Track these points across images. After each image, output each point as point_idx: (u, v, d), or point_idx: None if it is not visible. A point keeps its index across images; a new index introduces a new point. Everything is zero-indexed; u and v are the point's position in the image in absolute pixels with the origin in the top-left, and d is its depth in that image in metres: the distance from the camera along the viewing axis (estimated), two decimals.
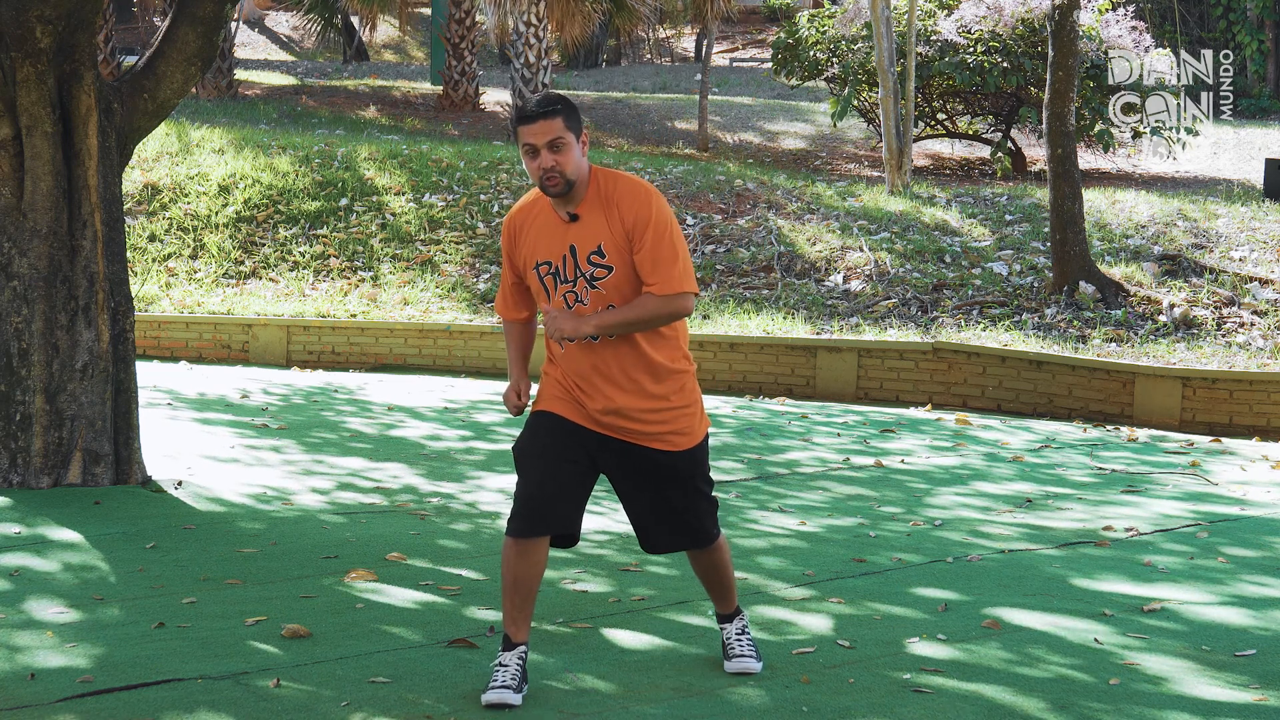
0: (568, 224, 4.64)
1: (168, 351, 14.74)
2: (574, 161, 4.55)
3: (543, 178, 4.55)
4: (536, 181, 4.58)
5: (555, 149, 4.53)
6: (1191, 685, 4.90)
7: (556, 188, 4.56)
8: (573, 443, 4.64)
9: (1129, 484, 8.88)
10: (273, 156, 18.29)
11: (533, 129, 4.53)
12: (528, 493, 4.59)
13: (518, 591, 4.59)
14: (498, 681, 4.55)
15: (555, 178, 4.54)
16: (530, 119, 4.54)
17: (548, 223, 4.67)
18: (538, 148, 4.53)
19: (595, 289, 4.61)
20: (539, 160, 4.54)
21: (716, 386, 13.35)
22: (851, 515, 7.74)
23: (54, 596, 5.75)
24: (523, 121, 4.56)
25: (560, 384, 4.70)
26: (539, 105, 4.56)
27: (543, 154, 4.53)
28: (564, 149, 4.53)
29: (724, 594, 4.98)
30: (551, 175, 4.54)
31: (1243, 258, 14.67)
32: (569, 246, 4.63)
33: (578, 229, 4.62)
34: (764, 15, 35.37)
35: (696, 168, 18.97)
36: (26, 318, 7.76)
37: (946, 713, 4.56)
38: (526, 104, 4.58)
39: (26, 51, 7.58)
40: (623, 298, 4.61)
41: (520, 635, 4.62)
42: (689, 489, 4.76)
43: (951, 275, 14.79)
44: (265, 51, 36.70)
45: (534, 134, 4.53)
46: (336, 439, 9.92)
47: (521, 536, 4.56)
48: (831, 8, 23.15)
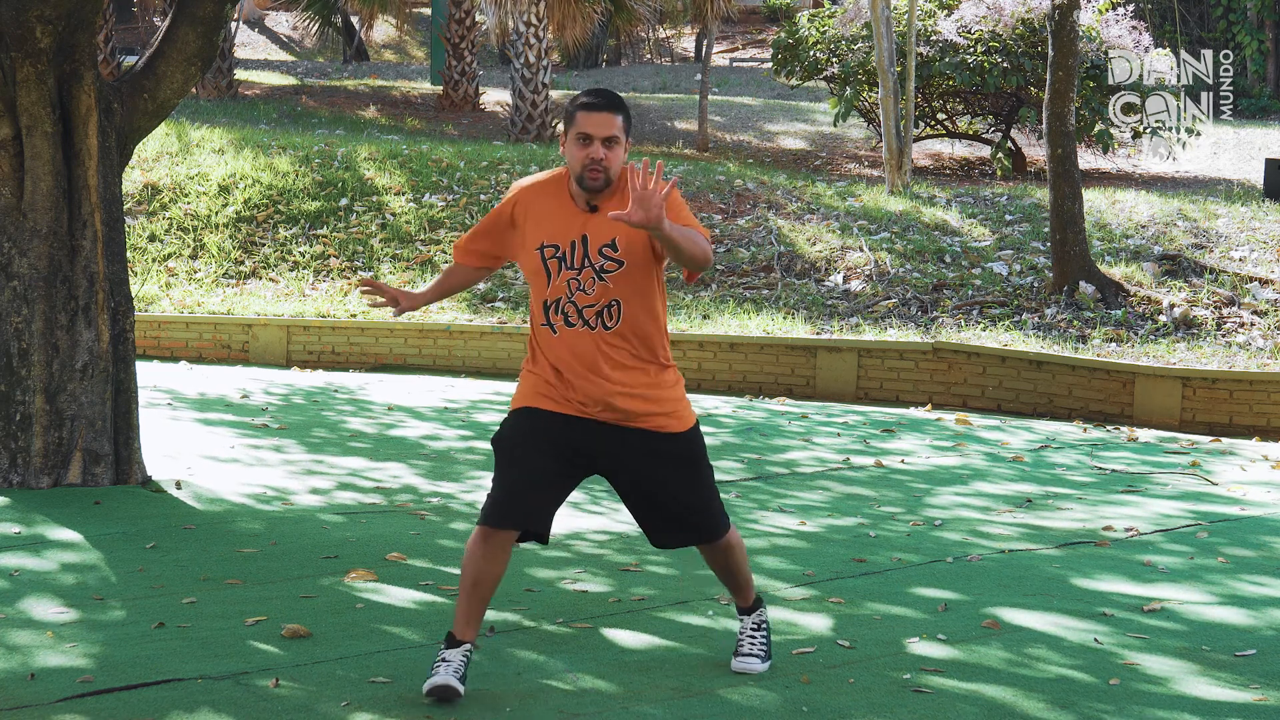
0: (585, 213, 4.64)
1: (168, 351, 14.74)
2: (619, 161, 4.59)
3: (587, 167, 4.56)
4: (578, 169, 4.58)
5: (609, 144, 4.56)
6: (1191, 685, 4.90)
7: (597, 181, 4.57)
8: (555, 439, 4.62)
9: (1129, 484, 8.88)
10: (273, 156, 18.30)
11: (595, 119, 4.55)
12: (504, 483, 4.56)
13: (476, 592, 4.56)
14: (441, 669, 4.52)
15: (599, 172, 4.56)
16: (595, 109, 4.56)
17: (561, 207, 4.67)
18: (593, 138, 4.54)
19: (602, 281, 4.61)
20: (589, 149, 4.54)
21: (716, 386, 13.35)
22: (851, 515, 7.74)
23: (54, 596, 5.75)
24: (585, 109, 4.56)
25: (545, 380, 4.67)
26: (605, 98, 4.58)
27: (596, 145, 4.54)
28: (615, 146, 4.56)
29: (739, 588, 4.98)
30: (597, 168, 4.55)
31: (1243, 258, 14.67)
32: (581, 235, 4.62)
33: (596, 220, 4.62)
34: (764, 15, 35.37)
35: (696, 168, 18.97)
36: (26, 318, 7.75)
37: (946, 713, 4.56)
38: (590, 93, 4.59)
39: (26, 51, 7.58)
40: (630, 292, 4.62)
41: (469, 635, 4.60)
42: (688, 477, 4.72)
43: (951, 275, 14.79)
44: (265, 51, 36.70)
45: (595, 124, 4.55)
46: (336, 439, 9.92)
47: (492, 525, 4.51)
48: (831, 8, 23.15)
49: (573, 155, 4.58)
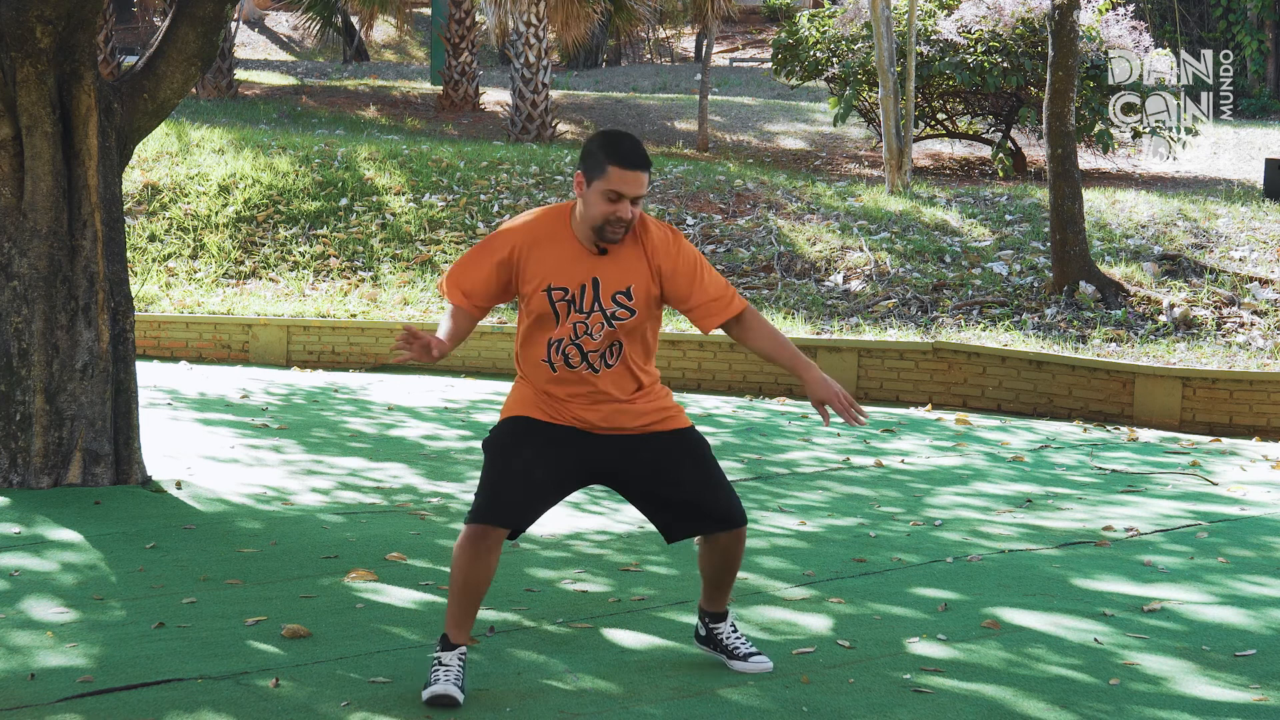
0: (594, 255, 4.58)
1: (168, 351, 14.74)
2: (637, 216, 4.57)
3: (612, 224, 4.50)
4: (599, 220, 4.50)
5: (636, 203, 4.50)
6: (1191, 685, 4.90)
7: (617, 236, 4.53)
8: (552, 443, 4.62)
9: (1129, 484, 8.88)
10: (273, 156, 18.30)
11: (632, 179, 4.46)
12: (494, 482, 4.54)
13: (467, 595, 4.56)
14: (440, 677, 4.52)
15: (622, 230, 4.52)
16: (635, 167, 4.47)
17: (568, 248, 4.58)
18: (624, 197, 4.47)
19: (610, 327, 4.58)
20: (618, 208, 4.47)
21: (716, 386, 13.35)
22: (851, 515, 7.74)
23: (54, 596, 5.75)
24: (625, 166, 4.46)
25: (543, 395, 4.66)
26: (641, 158, 4.49)
27: (625, 204, 4.48)
28: (639, 203, 4.53)
29: (728, 588, 4.96)
30: (621, 227, 4.51)
31: (1243, 258, 14.67)
32: (591, 278, 4.57)
33: (605, 263, 4.57)
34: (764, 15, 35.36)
35: (696, 168, 18.97)
36: (26, 318, 7.76)
37: (946, 713, 4.56)
38: (626, 149, 4.49)
39: (26, 51, 7.58)
40: (636, 340, 4.64)
41: (463, 638, 4.60)
42: (707, 465, 4.70)
43: (951, 275, 14.79)
44: (265, 51, 36.70)
45: (631, 184, 4.47)
46: (336, 439, 9.92)
47: (485, 523, 4.48)
48: (831, 8, 23.15)
49: (596, 207, 4.49)
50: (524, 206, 17.21)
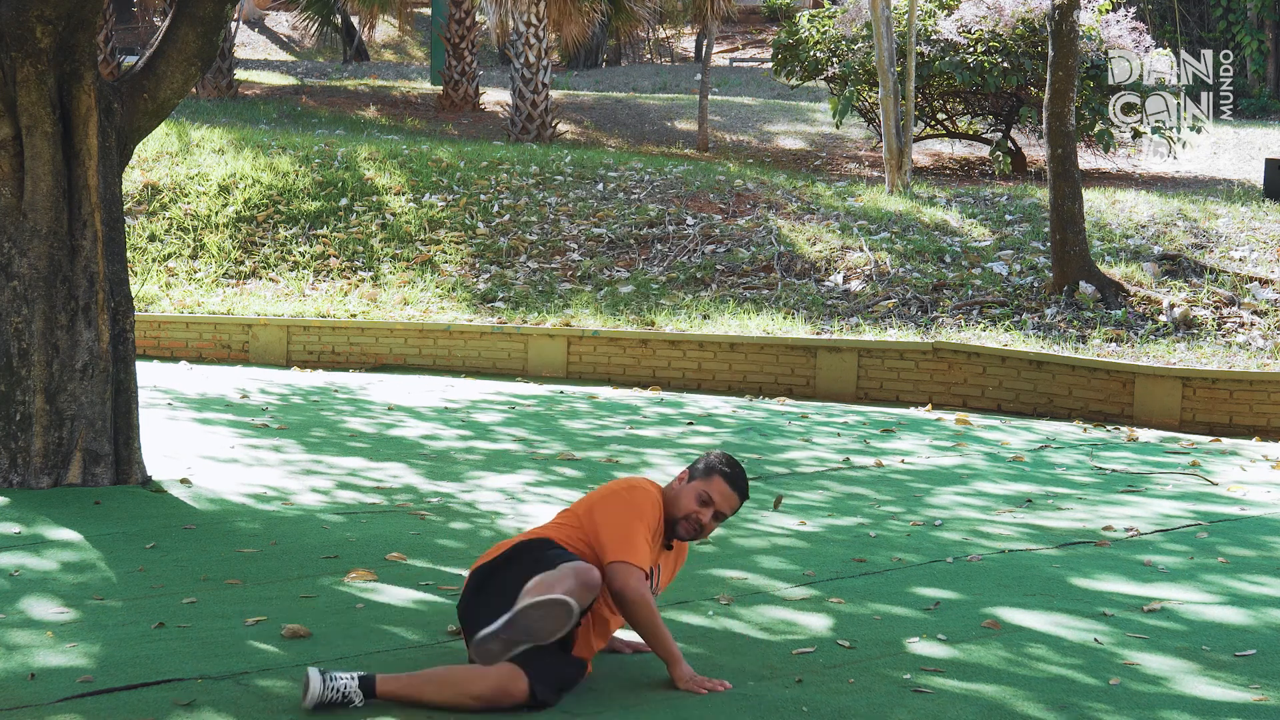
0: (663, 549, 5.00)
1: (168, 351, 14.74)
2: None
3: (695, 530, 4.89)
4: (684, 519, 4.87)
5: (717, 520, 4.92)
6: (1191, 685, 4.90)
7: (690, 538, 4.94)
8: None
9: (1129, 484, 8.88)
10: (273, 156, 18.30)
11: (733, 502, 4.91)
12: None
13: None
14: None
15: (694, 535, 4.91)
16: (736, 489, 4.90)
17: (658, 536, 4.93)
18: (720, 513, 4.90)
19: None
20: (705, 519, 4.88)
21: (716, 386, 13.35)
22: (851, 515, 7.74)
23: (54, 596, 5.75)
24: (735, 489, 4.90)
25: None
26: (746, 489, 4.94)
27: (713, 521, 4.90)
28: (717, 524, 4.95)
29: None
30: (700, 533, 4.91)
31: (1243, 258, 14.67)
32: (657, 565, 4.96)
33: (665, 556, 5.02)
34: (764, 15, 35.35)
35: (696, 168, 18.96)
36: (26, 318, 7.75)
37: (946, 713, 4.56)
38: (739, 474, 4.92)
39: (26, 51, 7.58)
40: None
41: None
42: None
43: (951, 275, 14.79)
44: (265, 51, 36.70)
45: (731, 507, 4.92)
46: (336, 439, 9.92)
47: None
48: (831, 8, 23.15)
49: (688, 505, 4.88)
50: (524, 206, 17.22)
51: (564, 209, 17.21)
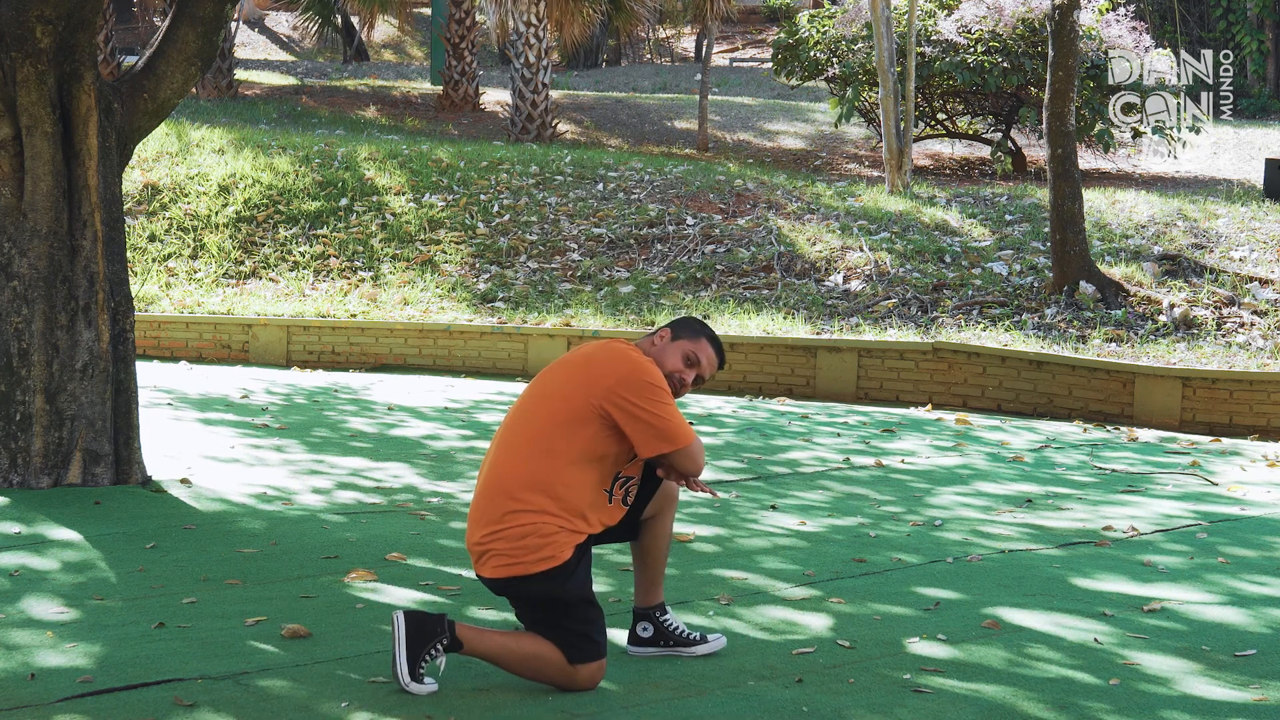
0: None
1: (168, 351, 14.75)
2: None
3: (675, 389, 4.84)
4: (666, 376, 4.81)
5: (697, 384, 4.92)
6: (1191, 685, 4.90)
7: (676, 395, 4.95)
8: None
9: (1129, 484, 8.88)
10: (273, 156, 18.30)
11: (711, 365, 4.92)
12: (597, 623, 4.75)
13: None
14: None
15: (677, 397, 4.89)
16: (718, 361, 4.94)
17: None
18: (701, 376, 4.90)
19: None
20: (687, 378, 4.86)
21: (717, 386, 13.35)
22: (852, 515, 7.74)
23: (54, 596, 5.75)
24: (719, 355, 4.94)
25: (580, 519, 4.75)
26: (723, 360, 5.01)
27: (692, 374, 4.87)
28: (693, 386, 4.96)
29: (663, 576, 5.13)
30: (678, 395, 4.87)
31: (1243, 258, 14.67)
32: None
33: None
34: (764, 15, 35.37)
35: (696, 168, 18.97)
36: (26, 318, 7.75)
37: (946, 713, 4.56)
38: (720, 347, 4.97)
39: (26, 51, 7.58)
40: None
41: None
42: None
43: (951, 275, 14.79)
44: (265, 51, 36.70)
45: (712, 372, 4.94)
46: (337, 439, 9.92)
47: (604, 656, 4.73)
48: (831, 8, 23.16)
49: (674, 363, 4.84)
50: (524, 206, 17.22)
51: (564, 209, 17.21)
